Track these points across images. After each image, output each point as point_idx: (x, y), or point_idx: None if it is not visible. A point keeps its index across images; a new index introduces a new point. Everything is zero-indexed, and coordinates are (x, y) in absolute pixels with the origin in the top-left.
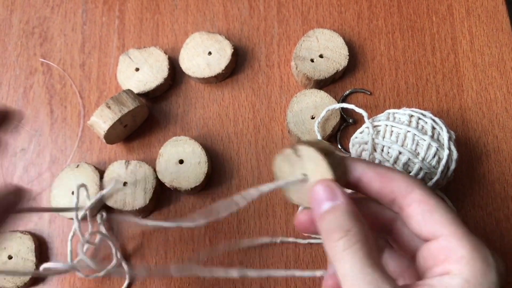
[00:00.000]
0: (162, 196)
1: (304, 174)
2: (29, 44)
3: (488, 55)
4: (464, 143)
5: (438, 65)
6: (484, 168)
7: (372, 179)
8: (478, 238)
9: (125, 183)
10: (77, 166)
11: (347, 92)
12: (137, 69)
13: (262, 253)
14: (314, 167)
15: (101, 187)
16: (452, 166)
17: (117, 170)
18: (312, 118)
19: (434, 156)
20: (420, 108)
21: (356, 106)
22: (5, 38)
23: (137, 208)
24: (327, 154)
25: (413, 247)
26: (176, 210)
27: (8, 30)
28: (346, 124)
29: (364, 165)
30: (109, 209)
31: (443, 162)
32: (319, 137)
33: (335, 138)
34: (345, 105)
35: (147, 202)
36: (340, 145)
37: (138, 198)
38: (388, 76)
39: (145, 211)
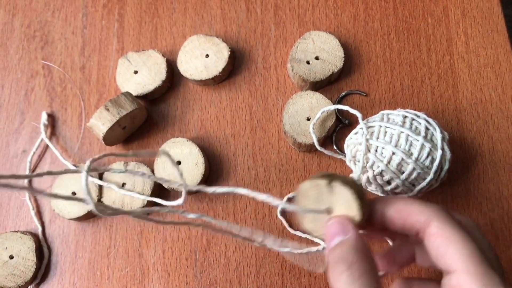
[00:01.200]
0: (160, 197)
1: (330, 208)
2: (31, 48)
3: (483, 56)
4: (459, 143)
5: (433, 66)
6: (479, 169)
7: (393, 218)
8: (492, 274)
9: (123, 184)
10: (77, 167)
11: (343, 93)
12: (135, 72)
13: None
14: (343, 207)
15: (101, 190)
16: (446, 166)
17: (115, 166)
18: (308, 119)
19: (427, 157)
20: (415, 109)
21: (352, 107)
22: (7, 42)
23: (135, 208)
24: (360, 197)
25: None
26: (185, 208)
27: (10, 34)
28: (342, 125)
29: (383, 204)
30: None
31: (437, 162)
32: (314, 139)
33: (331, 139)
34: (339, 106)
35: (145, 203)
36: (336, 146)
37: (136, 198)
38: (384, 78)
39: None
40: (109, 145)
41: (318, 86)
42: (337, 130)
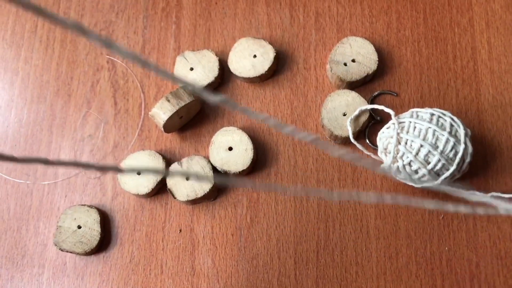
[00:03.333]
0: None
1: None
2: (97, 45)
3: (504, 64)
4: (480, 141)
5: (458, 71)
6: (497, 164)
7: None
8: None
9: (187, 178)
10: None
11: (376, 93)
12: (191, 69)
13: None
14: None
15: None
16: (467, 159)
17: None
18: (344, 115)
19: (451, 150)
20: (441, 109)
21: (384, 106)
22: (76, 39)
23: (207, 191)
24: None
25: None
26: (232, 190)
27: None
28: (374, 121)
29: None
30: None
31: (459, 155)
32: (350, 133)
33: (364, 134)
34: (376, 106)
35: (213, 182)
36: (368, 140)
37: (204, 183)
38: (413, 80)
39: (214, 192)
40: (167, 132)
41: (354, 85)
42: (369, 126)
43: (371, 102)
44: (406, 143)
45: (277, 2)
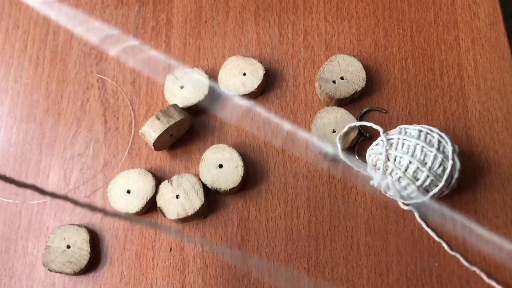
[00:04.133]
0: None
1: None
2: (87, 63)
3: (490, 80)
4: (468, 157)
5: (445, 88)
6: (485, 180)
7: None
8: None
9: (177, 196)
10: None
11: (365, 110)
12: (181, 87)
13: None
14: None
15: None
16: (455, 175)
17: (164, 190)
18: (333, 131)
19: (439, 166)
20: (429, 125)
21: (372, 122)
22: (65, 58)
23: (197, 209)
24: None
25: None
26: (222, 208)
27: (69, 51)
28: (364, 138)
29: None
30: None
31: (448, 171)
32: (339, 149)
33: (354, 150)
34: (364, 123)
35: (203, 199)
36: (358, 156)
37: (195, 200)
38: (401, 97)
39: (204, 210)
40: (158, 150)
41: (343, 103)
42: (359, 142)
43: (360, 119)
44: (395, 160)
45: (266, 20)
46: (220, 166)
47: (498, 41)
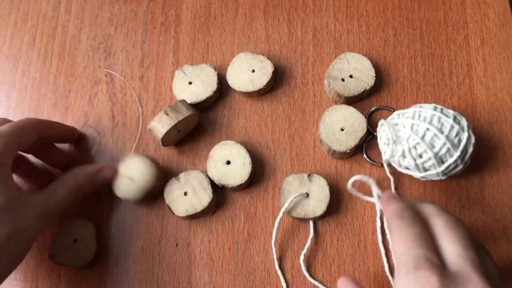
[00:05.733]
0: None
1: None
2: (95, 58)
3: (499, 81)
4: (476, 157)
5: (454, 88)
6: (493, 180)
7: None
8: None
9: (185, 193)
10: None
11: (373, 108)
12: (190, 83)
13: None
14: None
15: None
16: (470, 149)
17: (172, 187)
18: (342, 130)
19: (456, 136)
20: None
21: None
22: (74, 52)
23: (206, 206)
24: None
25: None
26: (229, 204)
27: (77, 45)
28: (371, 136)
29: None
30: None
31: (463, 142)
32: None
33: (362, 149)
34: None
35: (212, 196)
36: (366, 155)
37: (203, 197)
38: (410, 96)
39: (212, 207)
40: (165, 145)
41: (351, 101)
42: (367, 141)
43: (369, 117)
44: (412, 127)
45: (276, 18)
46: (228, 162)
47: (507, 42)
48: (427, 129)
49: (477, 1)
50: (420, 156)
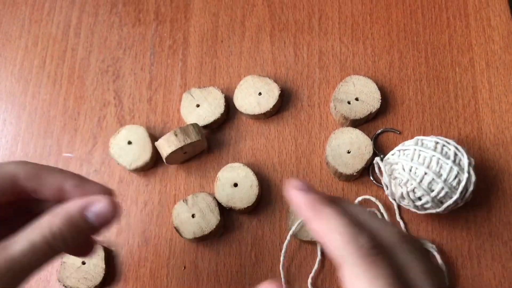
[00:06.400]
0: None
1: None
2: (104, 80)
3: (505, 103)
4: (483, 179)
5: (460, 110)
6: (500, 202)
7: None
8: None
9: (193, 215)
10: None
11: (379, 131)
12: (197, 105)
13: None
14: None
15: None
16: (470, 188)
17: (180, 210)
18: (348, 152)
19: (455, 178)
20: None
21: (387, 143)
22: (83, 75)
23: (213, 228)
24: None
25: None
26: (236, 227)
27: (86, 68)
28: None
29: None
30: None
31: (463, 183)
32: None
33: (368, 171)
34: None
35: (219, 218)
36: (372, 177)
37: (211, 220)
38: (416, 118)
39: (220, 229)
40: (170, 163)
41: (357, 123)
42: (373, 163)
43: (375, 139)
44: (410, 170)
45: (282, 41)
46: (235, 185)
47: None
48: (425, 173)
49: (481, 24)
50: (419, 198)
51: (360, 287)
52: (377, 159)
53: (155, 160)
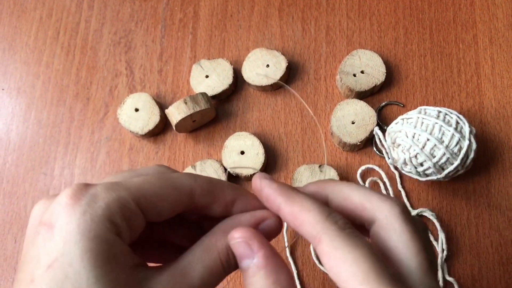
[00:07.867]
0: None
1: None
2: (116, 52)
3: (506, 78)
4: (483, 152)
5: (462, 85)
6: (499, 174)
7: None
8: None
9: None
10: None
11: (383, 103)
12: (207, 76)
13: None
14: None
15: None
16: (471, 155)
17: None
18: (353, 123)
19: (456, 145)
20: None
21: (390, 115)
22: (96, 46)
23: None
24: None
25: None
26: None
27: (99, 39)
28: (381, 130)
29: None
30: None
31: (464, 150)
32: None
33: (371, 142)
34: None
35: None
36: (375, 148)
37: None
38: (419, 92)
39: None
40: (179, 131)
41: (362, 95)
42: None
43: (379, 111)
44: (413, 137)
45: (290, 16)
46: (242, 152)
47: None
48: (428, 139)
49: (486, 2)
50: (421, 164)
51: (341, 257)
52: (376, 129)
53: (165, 124)
